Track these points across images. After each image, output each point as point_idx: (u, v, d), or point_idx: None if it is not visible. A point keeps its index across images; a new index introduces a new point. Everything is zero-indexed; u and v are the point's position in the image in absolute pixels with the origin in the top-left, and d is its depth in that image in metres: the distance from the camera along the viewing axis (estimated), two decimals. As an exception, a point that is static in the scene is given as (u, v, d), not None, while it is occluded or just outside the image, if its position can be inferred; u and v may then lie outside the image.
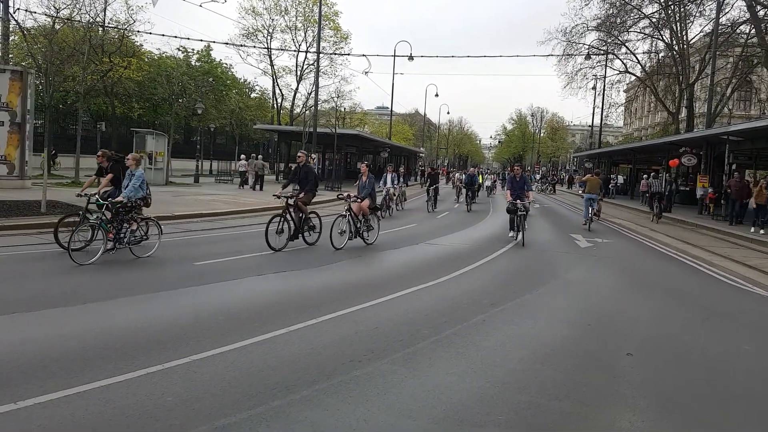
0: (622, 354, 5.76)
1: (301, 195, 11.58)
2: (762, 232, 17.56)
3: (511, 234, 14.44)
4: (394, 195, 20.88)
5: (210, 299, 7.19)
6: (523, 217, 13.81)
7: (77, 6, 25.89)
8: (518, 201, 13.84)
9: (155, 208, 11.25)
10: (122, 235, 9.18)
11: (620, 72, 41.44)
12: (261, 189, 26.94)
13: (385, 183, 20.53)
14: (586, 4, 48.19)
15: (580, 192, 30.25)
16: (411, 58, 40.44)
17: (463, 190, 27.05)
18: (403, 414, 4.09)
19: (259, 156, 30.41)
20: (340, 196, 12.62)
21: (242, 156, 31.61)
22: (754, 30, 30.02)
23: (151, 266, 9.01)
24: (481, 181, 33.88)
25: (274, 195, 11.71)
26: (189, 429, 3.68)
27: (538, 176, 64.07)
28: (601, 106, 46.61)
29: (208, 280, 8.12)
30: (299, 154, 12.52)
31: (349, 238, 11.75)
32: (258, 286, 8.19)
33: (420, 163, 69.51)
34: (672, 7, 35.40)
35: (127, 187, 9.35)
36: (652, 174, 29.76)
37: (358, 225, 12.04)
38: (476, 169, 41.08)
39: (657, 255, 13.87)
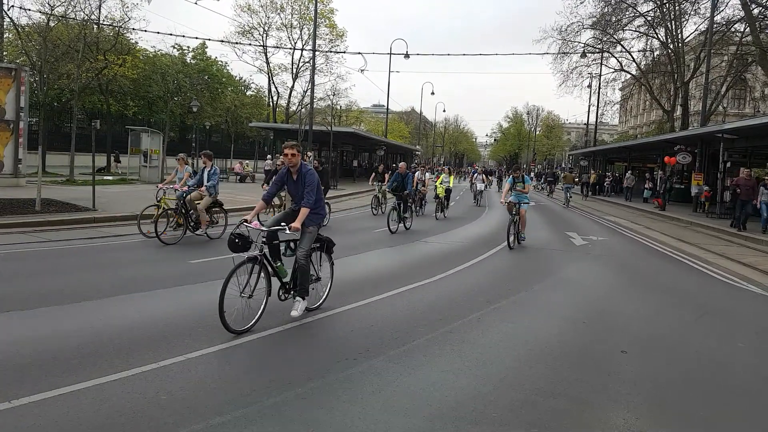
0: (617, 351, 5.78)
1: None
2: None
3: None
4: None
5: (205, 297, 7.16)
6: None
7: (72, 3, 25.81)
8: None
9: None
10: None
11: (615, 70, 41.58)
12: None
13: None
14: (582, 3, 47.80)
15: (560, 186, 35.73)
16: (407, 56, 40.42)
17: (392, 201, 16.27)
18: (398, 411, 4.09)
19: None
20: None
21: (268, 156, 32.25)
22: (748, 28, 30.09)
23: (146, 264, 8.99)
24: (438, 185, 20.02)
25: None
26: (184, 427, 3.67)
27: (532, 174, 64.03)
28: (596, 104, 46.64)
29: (204, 278, 8.10)
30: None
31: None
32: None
33: (416, 161, 69.47)
34: (667, 5, 35.50)
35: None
36: (629, 172, 36.86)
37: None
38: (445, 168, 29.79)
39: (652, 253, 13.91)
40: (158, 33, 59.84)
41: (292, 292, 6.26)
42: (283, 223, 6.22)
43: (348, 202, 23.90)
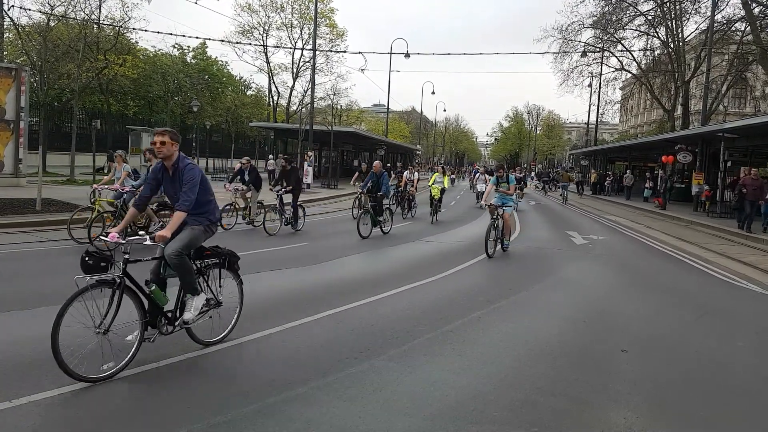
0: (617, 351, 5.77)
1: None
2: None
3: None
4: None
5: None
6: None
7: (72, 3, 25.82)
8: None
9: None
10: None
11: (616, 69, 41.58)
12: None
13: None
14: (582, 2, 48.25)
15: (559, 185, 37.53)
16: (407, 55, 40.39)
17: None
18: (399, 411, 4.09)
19: (285, 156, 30.58)
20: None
21: (270, 156, 32.28)
22: (749, 27, 30.08)
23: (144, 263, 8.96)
24: (432, 186, 19.52)
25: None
26: (184, 426, 3.67)
27: (533, 174, 63.92)
28: (597, 103, 46.66)
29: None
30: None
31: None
32: (253, 283, 8.16)
33: (416, 160, 69.48)
34: (667, 4, 35.49)
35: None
36: (628, 171, 38.33)
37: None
38: (440, 167, 28.35)
39: (652, 252, 13.90)
40: (158, 33, 59.97)
41: (177, 324, 4.91)
42: (141, 233, 5.09)
43: (347, 202, 23.88)
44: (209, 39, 44.89)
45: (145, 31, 33.03)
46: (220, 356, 5.01)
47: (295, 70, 48.01)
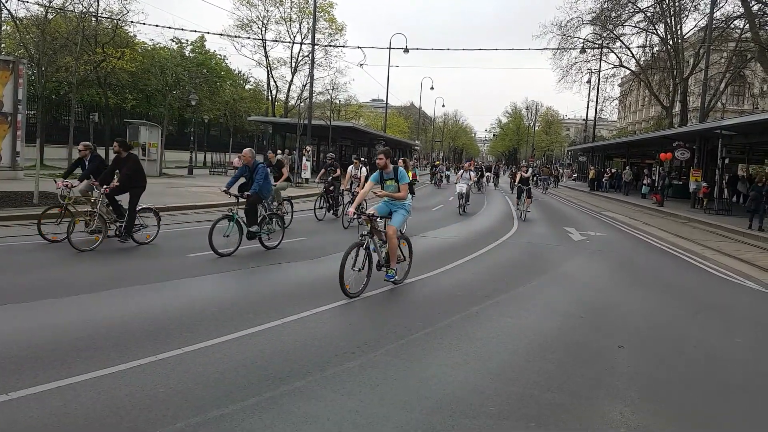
0: (615, 346, 5.79)
1: None
2: None
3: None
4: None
5: (204, 291, 7.19)
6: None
7: (70, -5, 25.68)
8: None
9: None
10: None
11: (615, 66, 41.53)
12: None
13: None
14: (582, -2, 48.17)
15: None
16: (407, 50, 40.36)
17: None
18: (397, 405, 4.10)
19: (285, 150, 30.53)
20: None
21: (278, 151, 32.02)
22: (748, 25, 30.06)
23: (144, 258, 8.98)
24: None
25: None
26: (181, 420, 3.68)
27: (531, 171, 63.84)
28: (595, 99, 46.64)
29: (202, 271, 8.11)
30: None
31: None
32: (252, 277, 8.18)
33: (415, 156, 69.38)
34: (667, 1, 35.45)
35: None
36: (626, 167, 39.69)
37: None
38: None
39: (650, 248, 13.93)
40: (157, 26, 59.81)
41: None
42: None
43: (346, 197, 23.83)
44: (208, 33, 44.98)
45: (144, 24, 32.80)
46: (218, 350, 5.01)
47: (293, 64, 47.88)
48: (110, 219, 9.75)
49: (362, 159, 14.53)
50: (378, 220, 7.54)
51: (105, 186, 9.48)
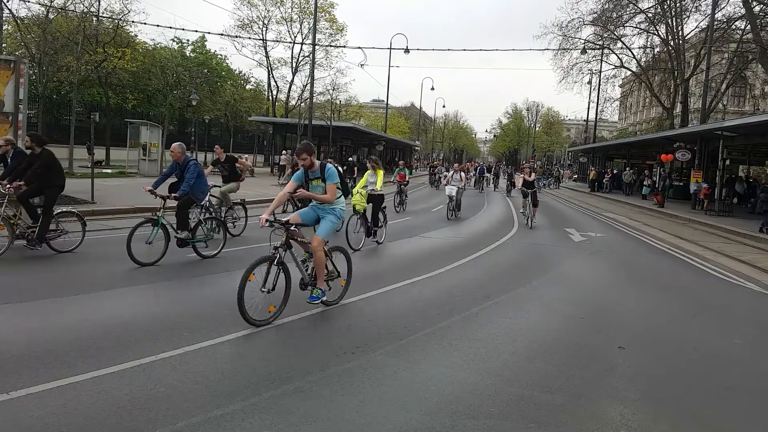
0: (614, 347, 5.79)
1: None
2: None
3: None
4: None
5: (205, 290, 7.19)
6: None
7: (71, -5, 25.68)
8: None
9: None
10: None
11: (616, 67, 41.54)
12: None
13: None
14: (583, -2, 48.15)
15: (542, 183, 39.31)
16: (407, 50, 40.40)
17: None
18: (396, 405, 4.11)
19: (287, 150, 30.68)
20: None
21: (283, 151, 32.20)
22: (749, 26, 30.02)
23: (142, 258, 8.97)
24: (355, 194, 11.40)
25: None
26: (182, 419, 3.68)
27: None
28: (596, 100, 46.64)
29: (204, 271, 8.11)
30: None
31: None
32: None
33: (415, 156, 69.40)
34: (668, 2, 35.42)
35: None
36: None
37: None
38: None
39: (650, 249, 13.93)
40: (158, 26, 59.91)
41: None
42: None
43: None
44: (208, 33, 44.99)
45: (145, 24, 32.86)
46: (217, 351, 5.02)
47: (294, 64, 47.92)
48: (20, 223, 8.53)
49: (373, 158, 12.71)
50: (293, 228, 6.08)
51: (8, 185, 8.34)
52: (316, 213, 6.52)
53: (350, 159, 39.18)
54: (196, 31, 58.91)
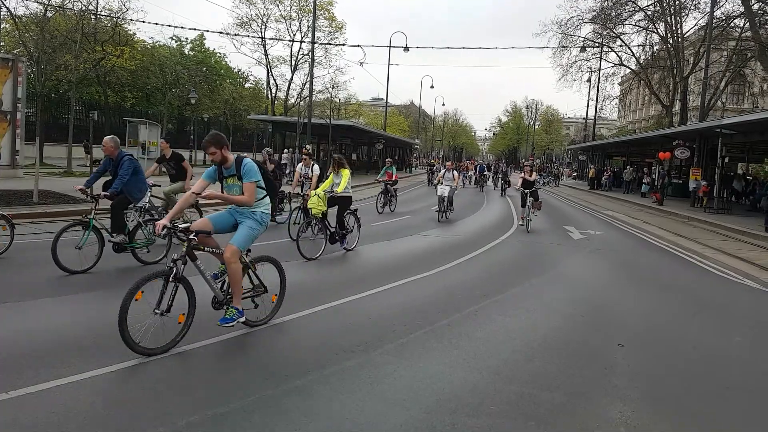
0: (614, 345, 5.79)
1: None
2: None
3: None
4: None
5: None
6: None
7: (69, -7, 25.64)
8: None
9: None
10: None
11: (615, 65, 41.52)
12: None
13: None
14: (582, -4, 48.17)
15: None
16: (406, 48, 40.32)
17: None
18: (396, 403, 4.11)
19: (289, 149, 30.61)
20: None
21: (285, 150, 32.01)
22: (748, 24, 30.04)
23: (142, 254, 8.96)
24: (313, 196, 10.06)
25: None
26: (181, 418, 3.68)
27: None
28: (595, 98, 46.64)
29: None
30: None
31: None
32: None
33: (414, 154, 69.37)
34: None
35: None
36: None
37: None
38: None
39: (649, 247, 13.93)
40: (156, 24, 59.70)
41: None
42: None
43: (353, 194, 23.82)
44: (207, 31, 44.87)
45: (143, 22, 32.81)
46: (217, 349, 5.02)
47: (293, 62, 47.84)
48: None
49: (336, 156, 10.99)
50: (194, 236, 5.08)
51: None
52: (234, 218, 5.49)
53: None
54: (195, 29, 58.89)
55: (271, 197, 5.63)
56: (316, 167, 12.34)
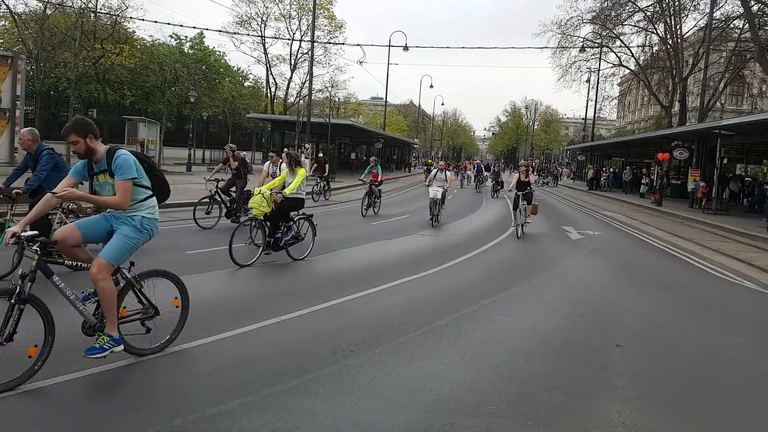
0: (613, 345, 5.79)
1: None
2: None
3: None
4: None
5: (202, 288, 7.16)
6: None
7: (69, -9, 25.63)
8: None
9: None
10: None
11: (614, 65, 41.60)
12: None
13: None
14: (582, -3, 48.23)
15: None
16: (406, 48, 40.29)
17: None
18: (395, 403, 4.10)
19: (289, 148, 30.41)
20: None
21: (285, 149, 31.87)
22: (747, 25, 30.08)
23: (142, 255, 8.93)
24: (256, 194, 8.86)
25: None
26: (179, 417, 3.66)
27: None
28: (594, 99, 46.70)
29: (200, 269, 8.08)
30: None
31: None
32: (250, 275, 8.16)
33: (414, 154, 69.35)
34: (666, 0, 35.46)
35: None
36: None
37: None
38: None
39: (648, 248, 13.94)
40: (156, 22, 59.46)
41: None
42: None
43: (340, 195, 23.85)
44: (207, 29, 44.77)
45: (143, 20, 32.69)
46: (216, 348, 5.00)
47: (293, 61, 47.90)
48: None
49: (291, 153, 9.89)
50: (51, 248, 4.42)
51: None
52: (110, 223, 4.49)
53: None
54: (195, 27, 58.61)
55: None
56: (284, 165, 9.95)
